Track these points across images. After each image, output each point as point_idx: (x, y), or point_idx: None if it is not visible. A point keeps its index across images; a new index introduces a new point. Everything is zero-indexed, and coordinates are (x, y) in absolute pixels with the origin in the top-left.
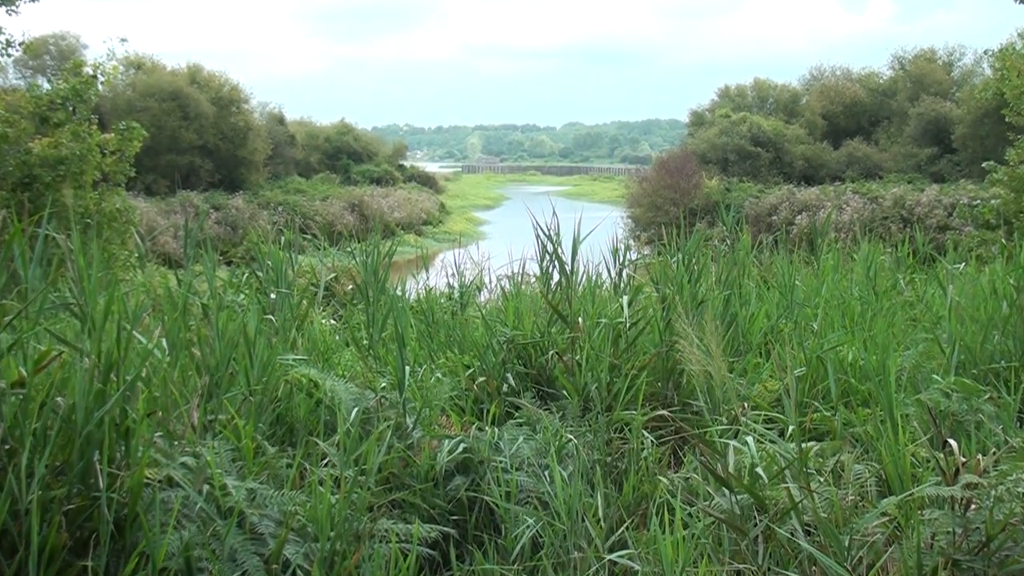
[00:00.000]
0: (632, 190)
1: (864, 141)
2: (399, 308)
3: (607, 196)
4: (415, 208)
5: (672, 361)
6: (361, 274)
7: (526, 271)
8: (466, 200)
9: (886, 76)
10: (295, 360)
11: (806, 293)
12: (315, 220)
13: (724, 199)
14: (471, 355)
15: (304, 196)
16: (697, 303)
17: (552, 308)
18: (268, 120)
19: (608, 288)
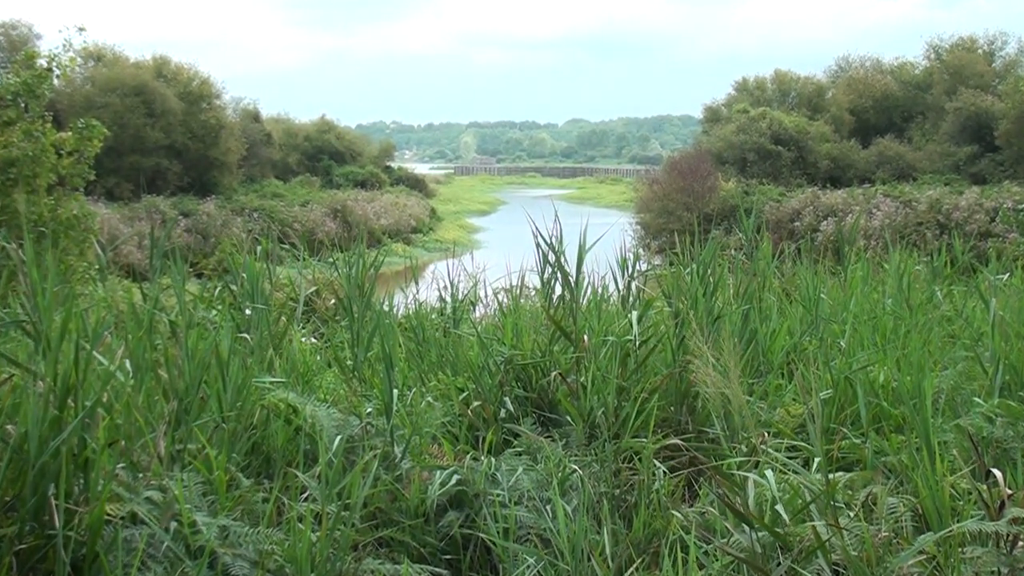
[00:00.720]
0: (641, 193)
1: (896, 139)
2: (386, 325)
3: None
4: (403, 214)
5: (686, 383)
6: (344, 287)
7: (526, 284)
8: (459, 205)
9: (921, 67)
10: (272, 383)
11: (832, 307)
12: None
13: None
14: (465, 377)
15: (282, 201)
16: (713, 319)
17: (554, 324)
18: (242, 117)
19: (615, 302)
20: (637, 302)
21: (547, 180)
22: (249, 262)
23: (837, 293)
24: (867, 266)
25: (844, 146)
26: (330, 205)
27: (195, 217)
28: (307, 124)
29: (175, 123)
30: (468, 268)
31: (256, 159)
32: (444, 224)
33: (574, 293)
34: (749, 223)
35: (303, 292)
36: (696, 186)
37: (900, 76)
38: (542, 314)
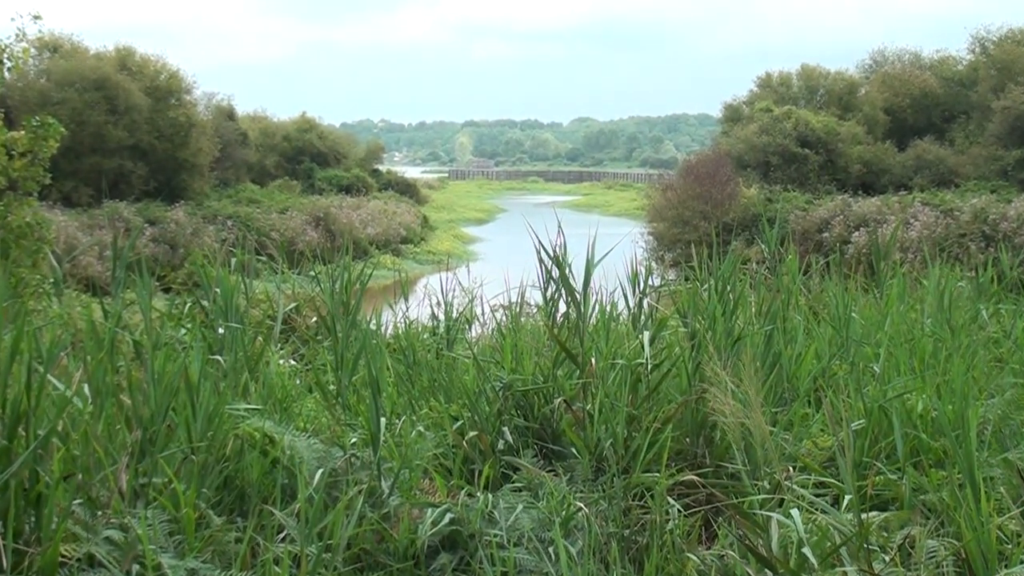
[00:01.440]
0: (654, 201)
1: (936, 141)
2: (373, 346)
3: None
4: (392, 222)
5: (703, 412)
6: (327, 304)
7: (527, 300)
8: (454, 212)
9: (964, 62)
10: (247, 410)
11: (865, 328)
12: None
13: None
14: (460, 404)
15: (258, 207)
16: (733, 340)
17: (559, 346)
18: (215, 115)
19: (626, 321)
20: (649, 321)
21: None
22: (222, 275)
23: (870, 312)
24: (904, 282)
25: (878, 149)
26: (311, 212)
27: (162, 225)
28: (286, 122)
29: (140, 121)
30: (463, 283)
31: (230, 161)
32: (437, 234)
33: (580, 311)
34: (772, 234)
35: (281, 309)
36: (714, 193)
37: (941, 71)
38: (545, 334)
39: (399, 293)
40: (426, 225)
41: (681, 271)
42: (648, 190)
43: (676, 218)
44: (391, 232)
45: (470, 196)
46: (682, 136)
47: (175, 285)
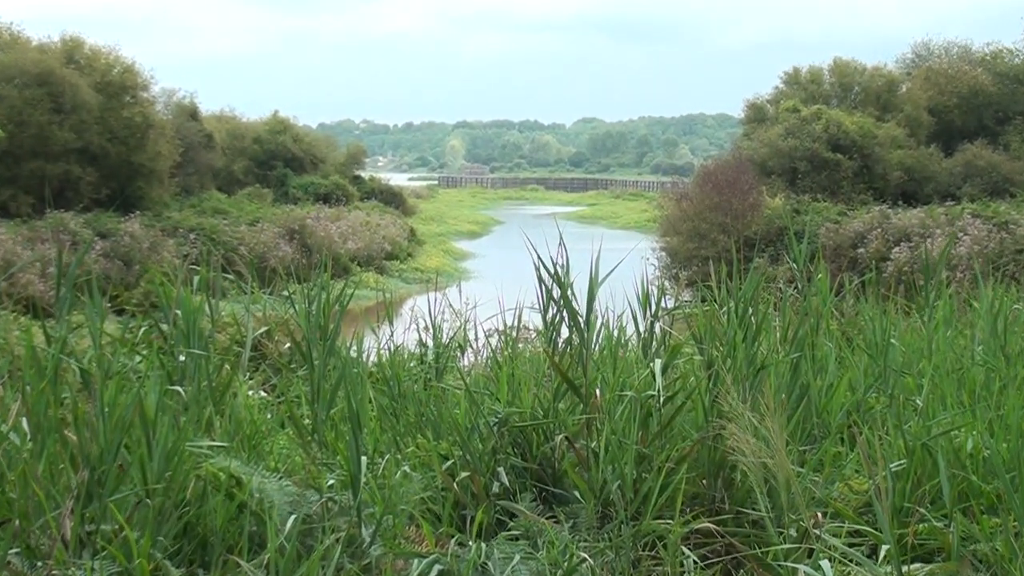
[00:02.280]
0: (667, 212)
1: (988, 145)
2: (353, 375)
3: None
4: (376, 236)
5: (721, 451)
6: (302, 328)
7: (525, 324)
8: (444, 225)
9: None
10: (210, 448)
11: (907, 356)
12: (240, 252)
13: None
14: (450, 441)
15: (225, 219)
16: (755, 370)
17: (560, 375)
18: (176, 114)
19: (635, 348)
20: (661, 348)
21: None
22: (184, 295)
23: (912, 338)
24: (951, 304)
25: (921, 154)
26: (285, 224)
27: (115, 238)
28: (257, 123)
29: (90, 121)
30: (455, 304)
31: (193, 166)
32: (426, 249)
33: (584, 337)
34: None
35: (251, 334)
36: (735, 203)
37: (994, 67)
38: (545, 363)
39: (383, 316)
40: (413, 239)
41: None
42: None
43: (692, 232)
44: (374, 247)
45: (462, 206)
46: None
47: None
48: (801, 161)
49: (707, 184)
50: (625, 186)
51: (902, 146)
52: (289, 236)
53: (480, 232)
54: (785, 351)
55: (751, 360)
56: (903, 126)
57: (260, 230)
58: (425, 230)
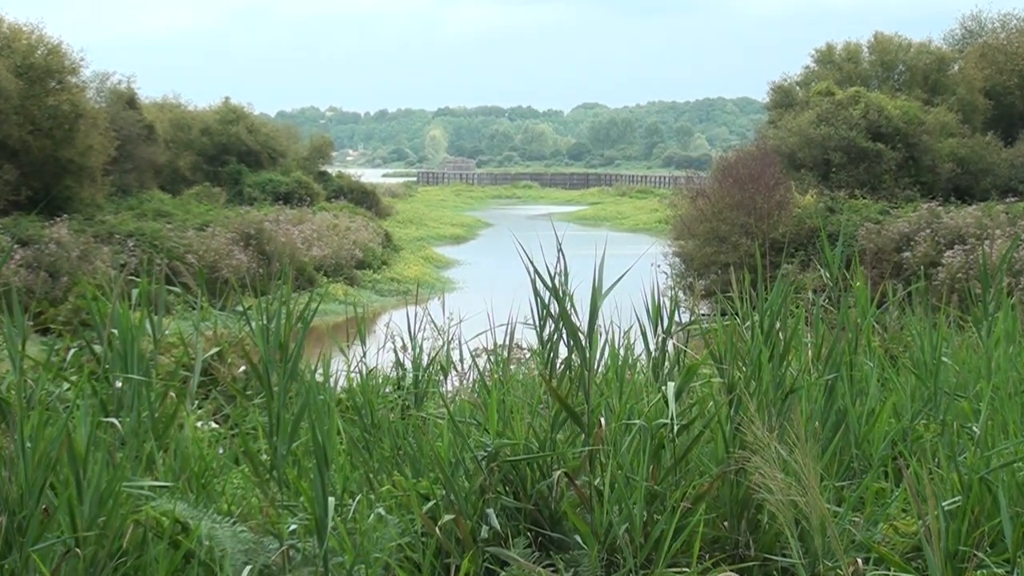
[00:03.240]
0: (681, 211)
1: None
2: (319, 403)
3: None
4: (345, 241)
5: (745, 488)
6: (260, 349)
7: (517, 342)
8: (424, 228)
9: None
10: (152, 488)
11: (961, 376)
12: (187, 261)
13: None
14: (432, 479)
15: (169, 222)
16: (783, 394)
17: (558, 401)
18: (111, 102)
19: (644, 369)
20: (675, 369)
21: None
22: (121, 311)
23: (968, 356)
24: (1014, 316)
25: (977, 142)
26: (239, 228)
27: (39, 246)
28: (206, 112)
29: (8, 110)
30: (437, 319)
31: (131, 162)
32: (403, 256)
33: (586, 356)
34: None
35: (200, 355)
36: (759, 200)
37: None
38: (541, 387)
39: (353, 334)
40: (388, 245)
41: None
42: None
43: (710, 234)
44: (343, 254)
45: (445, 206)
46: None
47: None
48: (836, 152)
49: (727, 179)
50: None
51: (954, 134)
52: (244, 242)
53: (465, 236)
54: (818, 372)
55: (779, 382)
56: (955, 111)
57: (210, 235)
58: (402, 234)
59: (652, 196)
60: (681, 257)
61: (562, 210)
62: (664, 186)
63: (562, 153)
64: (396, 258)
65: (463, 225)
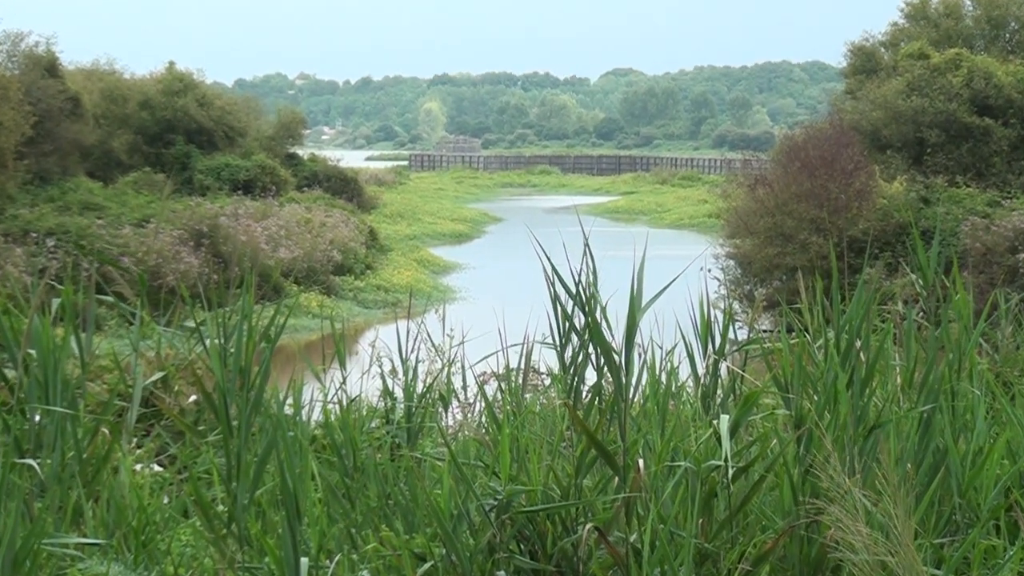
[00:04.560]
0: (736, 203)
1: None
2: (289, 440)
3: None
4: (320, 241)
5: (819, 546)
6: (215, 374)
7: (534, 365)
8: (418, 224)
9: None
10: (80, 547)
11: None
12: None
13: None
14: (429, 535)
15: (101, 217)
16: (866, 429)
17: (587, 438)
18: (26, 69)
19: (692, 399)
20: (730, 399)
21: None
22: (39, 328)
23: None
24: None
25: None
26: (189, 224)
27: None
28: (146, 80)
29: None
30: (434, 337)
31: (52, 143)
32: (392, 258)
33: (620, 383)
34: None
35: (139, 382)
36: (834, 189)
37: None
38: (564, 420)
39: (331, 355)
40: (374, 244)
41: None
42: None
43: (772, 231)
44: (318, 256)
45: (443, 197)
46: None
47: None
48: (932, 129)
49: (794, 163)
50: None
51: None
52: (195, 241)
53: (469, 234)
54: (911, 402)
55: (860, 415)
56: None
57: (152, 233)
58: (391, 231)
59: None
60: (736, 259)
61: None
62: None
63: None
64: (383, 261)
65: (466, 220)
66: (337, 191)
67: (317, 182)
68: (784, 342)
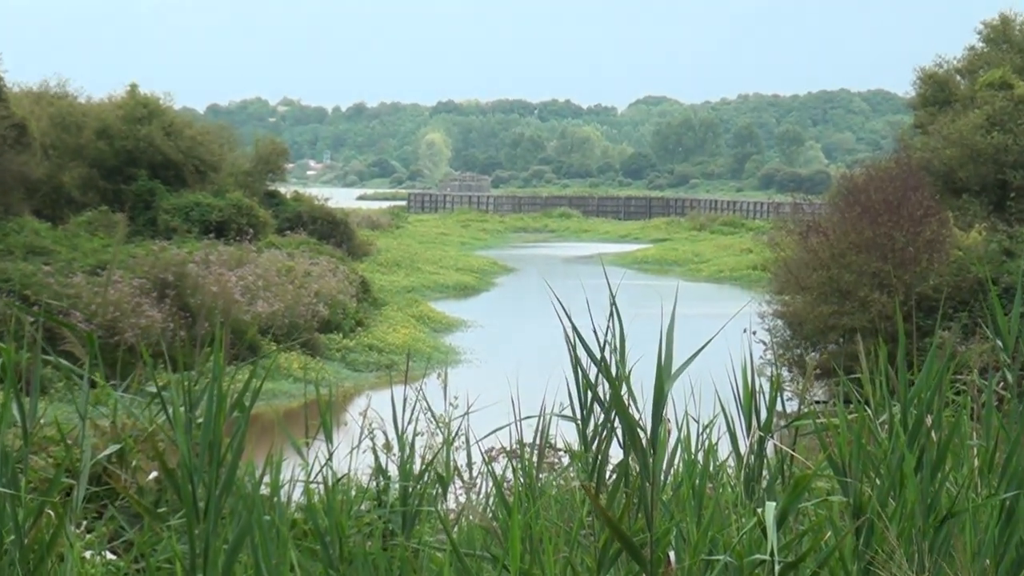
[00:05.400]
0: (786, 253)
1: None
2: (265, 525)
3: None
4: (304, 293)
5: None
6: (179, 447)
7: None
8: (418, 274)
9: None
10: None
11: None
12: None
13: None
14: None
15: (48, 262)
16: (937, 519)
17: (609, 527)
18: None
19: (733, 482)
20: (777, 483)
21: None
22: None
23: None
24: None
25: None
26: (151, 272)
27: None
28: (105, 105)
29: None
30: (435, 406)
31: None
32: (387, 314)
33: (648, 463)
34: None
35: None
36: (900, 238)
37: None
38: (584, 505)
39: (315, 425)
40: (366, 298)
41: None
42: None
43: (827, 286)
44: (301, 310)
45: (447, 243)
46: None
47: None
48: (1016, 170)
49: (853, 208)
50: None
51: None
52: (158, 292)
53: (476, 286)
54: (990, 488)
55: (931, 503)
56: None
57: (108, 282)
58: (386, 282)
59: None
60: (786, 319)
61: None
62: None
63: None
64: (377, 317)
65: (472, 270)
66: (324, 235)
67: (301, 224)
68: (841, 416)
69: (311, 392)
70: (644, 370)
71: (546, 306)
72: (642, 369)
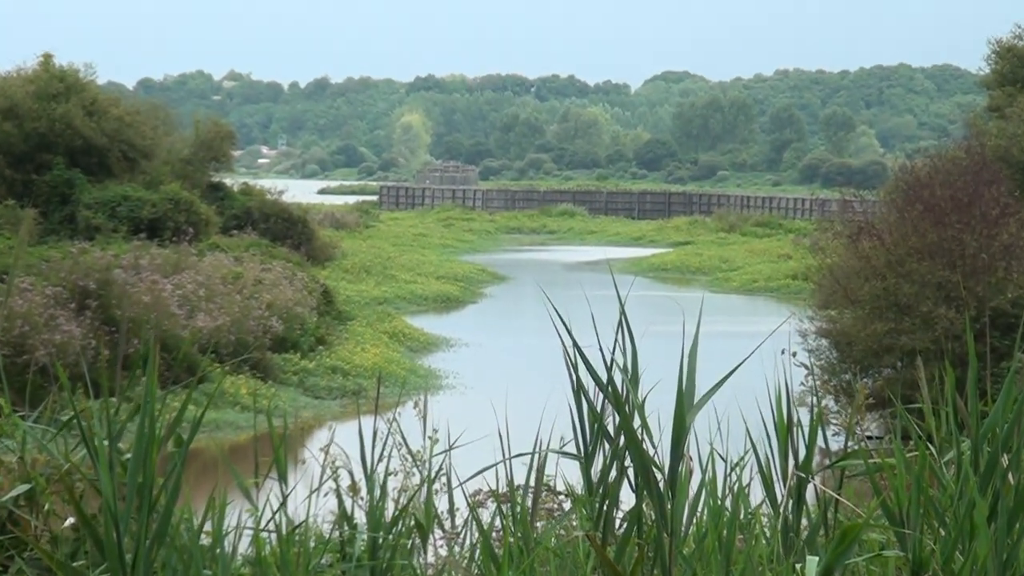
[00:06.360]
0: (833, 259)
1: None
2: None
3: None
4: (254, 304)
5: None
6: (102, 487)
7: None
8: (391, 283)
9: None
10: None
11: None
12: None
13: None
14: None
15: None
16: None
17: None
18: None
19: (767, 532)
20: (820, 534)
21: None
22: None
23: None
24: None
25: None
26: (69, 279)
27: None
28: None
29: None
30: (412, 440)
31: None
32: (354, 330)
33: (665, 509)
34: None
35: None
36: (971, 243)
37: None
38: (588, 560)
39: (266, 463)
40: (329, 310)
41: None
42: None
43: (883, 299)
44: (250, 325)
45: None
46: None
47: None
48: None
49: (914, 206)
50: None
51: None
52: (78, 303)
53: (460, 298)
54: None
55: (1007, 559)
56: None
57: (14, 290)
58: (353, 292)
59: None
60: (831, 338)
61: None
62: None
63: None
64: (341, 333)
65: (456, 279)
66: (279, 235)
67: (251, 223)
68: (898, 455)
69: (262, 423)
70: (661, 398)
71: (544, 321)
72: (659, 397)
